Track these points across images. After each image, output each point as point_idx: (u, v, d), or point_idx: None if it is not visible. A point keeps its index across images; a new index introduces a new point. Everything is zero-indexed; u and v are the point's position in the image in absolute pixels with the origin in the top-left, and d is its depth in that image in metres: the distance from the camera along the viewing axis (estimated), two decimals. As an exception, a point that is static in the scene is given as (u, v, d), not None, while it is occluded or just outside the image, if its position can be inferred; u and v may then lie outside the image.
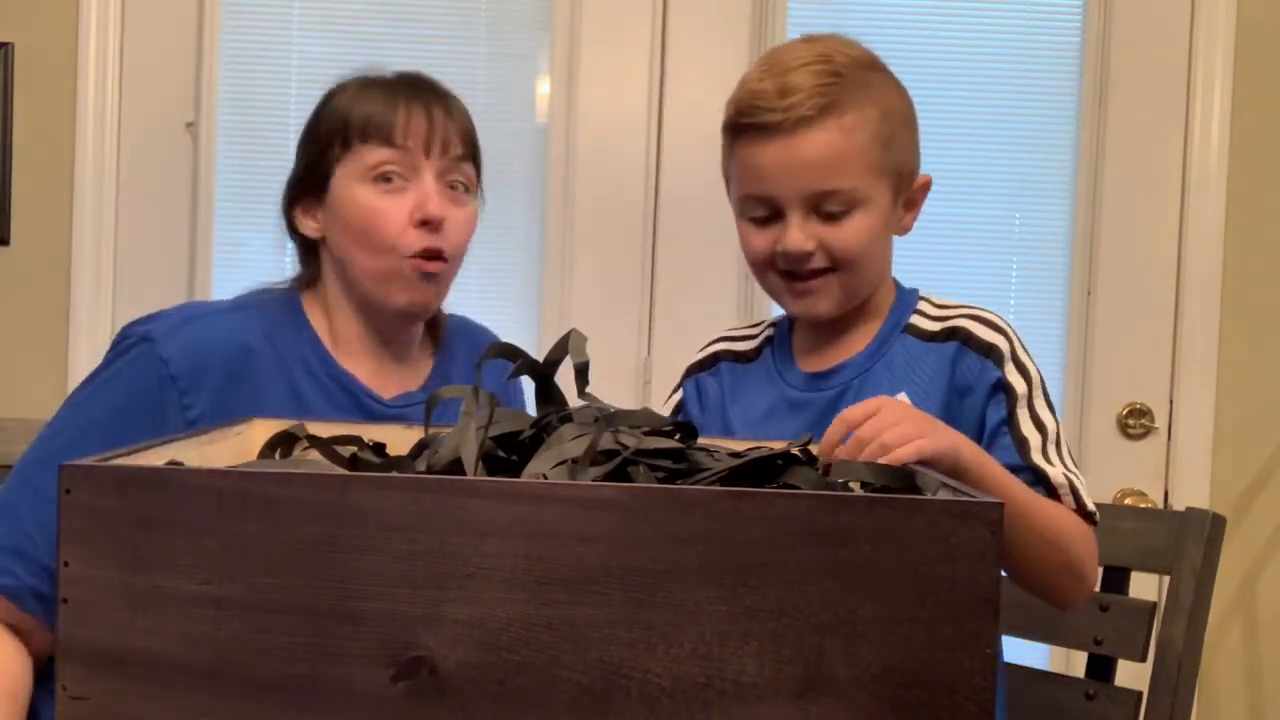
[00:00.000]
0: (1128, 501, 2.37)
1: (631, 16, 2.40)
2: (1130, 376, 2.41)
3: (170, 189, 2.38)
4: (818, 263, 1.32)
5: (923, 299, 1.40)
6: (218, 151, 2.39)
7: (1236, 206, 2.39)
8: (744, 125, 1.32)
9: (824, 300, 1.34)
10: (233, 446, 1.11)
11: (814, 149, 1.29)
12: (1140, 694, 1.47)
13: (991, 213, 2.42)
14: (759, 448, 1.05)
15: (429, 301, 1.38)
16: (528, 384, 1.22)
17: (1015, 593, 1.57)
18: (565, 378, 1.08)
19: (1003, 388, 1.30)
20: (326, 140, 1.36)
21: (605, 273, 2.41)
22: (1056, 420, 1.31)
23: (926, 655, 0.79)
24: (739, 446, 1.08)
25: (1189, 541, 1.48)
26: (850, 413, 1.11)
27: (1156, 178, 2.40)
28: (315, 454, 1.14)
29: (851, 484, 1.02)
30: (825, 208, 1.30)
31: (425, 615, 0.79)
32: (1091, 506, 1.27)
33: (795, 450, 1.04)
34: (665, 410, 1.46)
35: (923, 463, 1.06)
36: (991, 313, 1.36)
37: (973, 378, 1.31)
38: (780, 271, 1.34)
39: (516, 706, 0.79)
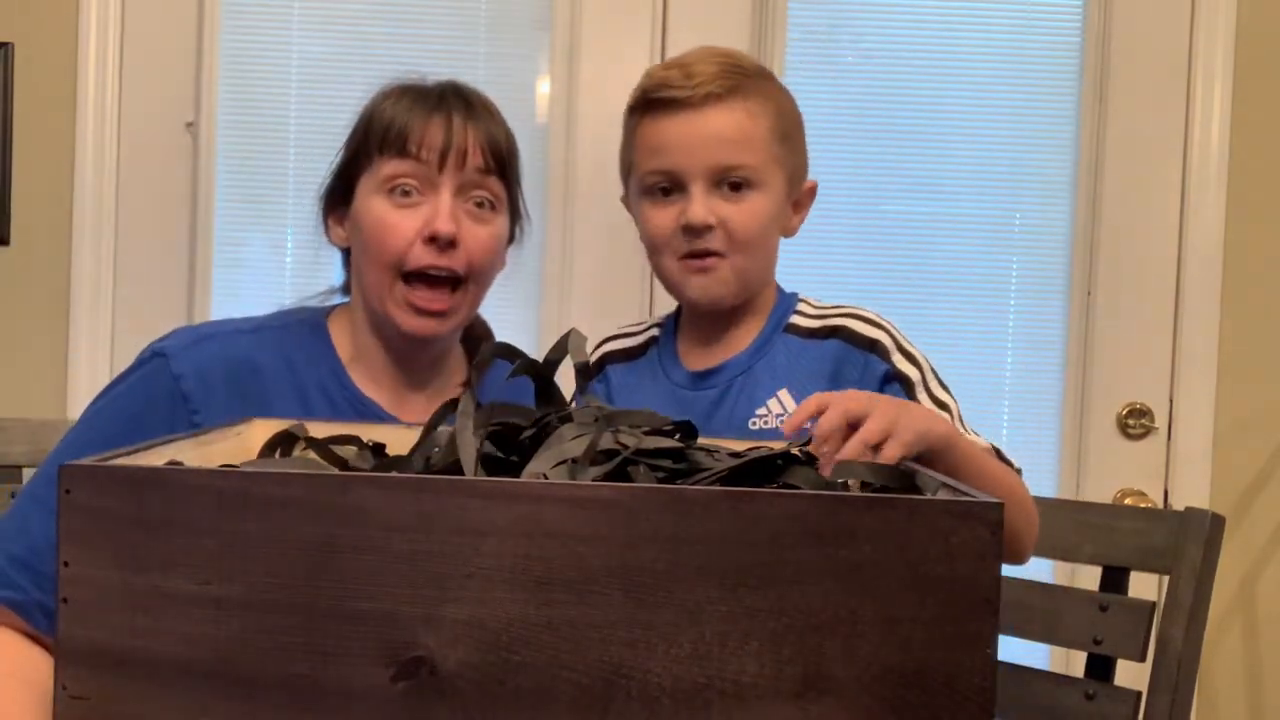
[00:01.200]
0: (1128, 501, 2.37)
1: (631, 16, 2.40)
2: (1130, 376, 2.41)
3: (170, 189, 2.38)
4: (716, 242, 1.35)
5: (802, 300, 1.44)
6: (218, 151, 2.39)
7: (1236, 206, 2.39)
8: (650, 102, 1.37)
9: (719, 283, 1.37)
10: (233, 446, 1.11)
11: (720, 123, 1.34)
12: (1140, 694, 1.47)
13: (991, 213, 2.41)
14: (759, 448, 1.05)
15: (434, 332, 1.33)
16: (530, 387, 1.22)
17: (1015, 593, 1.57)
18: (565, 378, 1.08)
19: (895, 377, 1.34)
20: (354, 149, 1.35)
21: (605, 273, 2.41)
22: (954, 398, 1.34)
23: (926, 655, 0.79)
24: (739, 446, 1.08)
25: (1189, 541, 1.48)
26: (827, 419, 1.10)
27: (1156, 178, 2.40)
28: (313, 455, 1.14)
29: (851, 484, 1.02)
30: (728, 181, 1.35)
31: (425, 615, 0.79)
32: (1017, 463, 1.31)
33: (795, 450, 1.04)
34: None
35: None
36: (870, 311, 1.40)
37: (856, 374, 1.34)
38: (679, 254, 1.37)
39: (516, 706, 0.79)
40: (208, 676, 0.80)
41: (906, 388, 1.32)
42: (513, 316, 2.40)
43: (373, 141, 1.32)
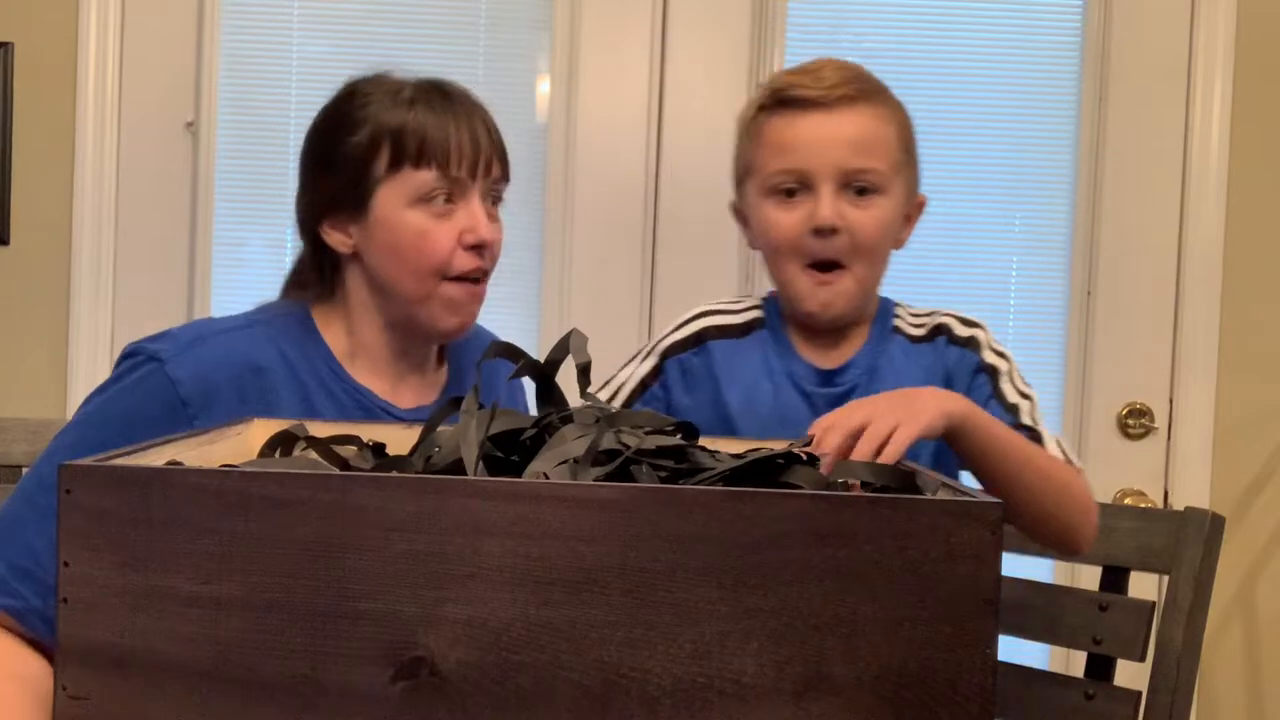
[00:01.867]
0: (1127, 501, 2.37)
1: (631, 16, 2.40)
2: (1130, 376, 2.41)
3: (170, 189, 2.38)
4: (840, 248, 1.35)
5: (897, 304, 1.46)
6: (218, 151, 2.39)
7: (1236, 206, 2.39)
8: (780, 101, 1.37)
9: (842, 297, 1.37)
10: (233, 446, 1.11)
11: (853, 125, 1.35)
12: (1140, 694, 1.47)
13: (991, 213, 2.42)
14: (759, 448, 1.05)
15: (467, 326, 1.38)
16: (529, 386, 1.22)
17: (1015, 593, 1.57)
18: (566, 378, 1.08)
19: (983, 369, 1.38)
20: (367, 156, 1.33)
21: (605, 272, 2.41)
22: (1034, 394, 1.38)
23: (926, 655, 0.79)
24: (739, 447, 1.08)
25: (1188, 541, 1.48)
26: (838, 421, 1.14)
27: (1156, 178, 2.40)
28: (314, 454, 1.14)
29: (851, 484, 1.02)
30: (855, 185, 1.35)
31: (425, 615, 0.79)
32: (1079, 463, 1.35)
33: (795, 450, 1.04)
34: (629, 379, 1.46)
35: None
36: (963, 312, 1.45)
37: (954, 366, 1.39)
38: (804, 263, 1.37)
39: (516, 706, 0.79)
40: (208, 676, 0.80)
41: (993, 378, 1.37)
42: (513, 316, 2.40)
43: (405, 154, 1.32)
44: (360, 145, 1.33)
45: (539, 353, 1.10)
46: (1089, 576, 1.68)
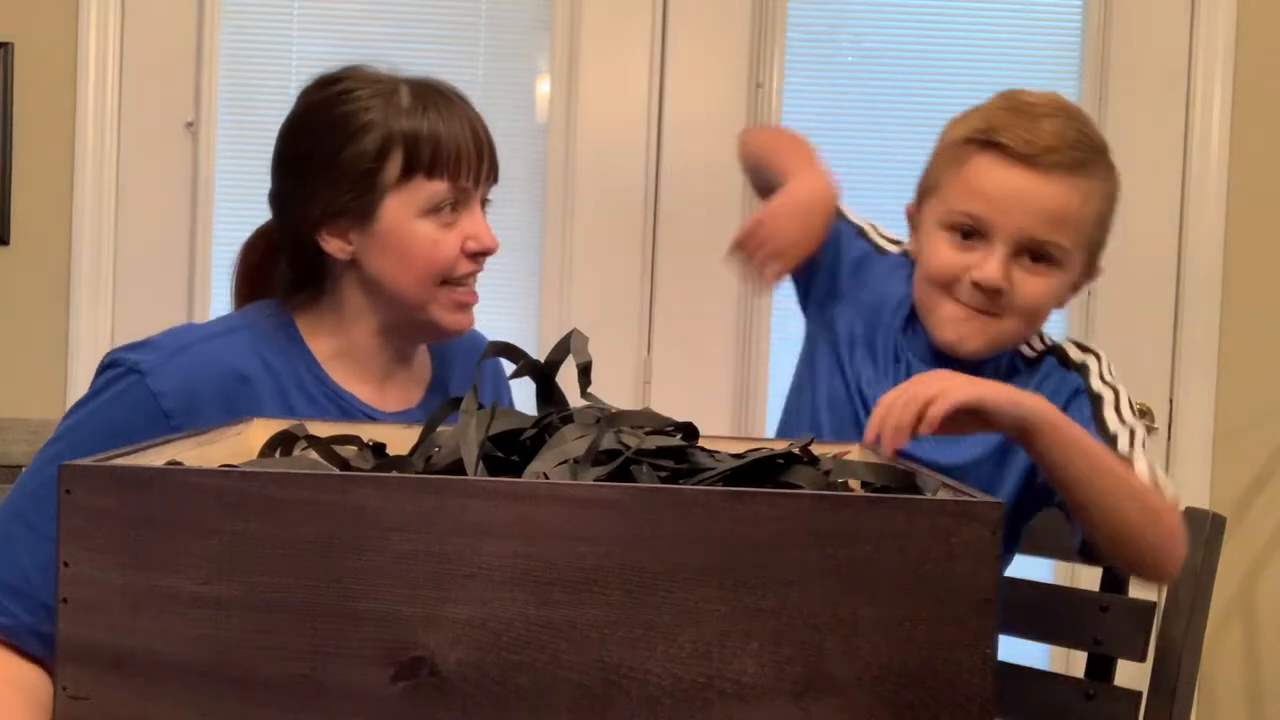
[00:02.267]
0: (1128, 501, 2.37)
1: (631, 16, 2.40)
2: (1130, 376, 2.38)
3: (170, 189, 2.38)
4: (999, 305, 1.32)
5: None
6: (218, 151, 2.39)
7: (1236, 206, 2.39)
8: (994, 143, 1.31)
9: (980, 339, 1.34)
10: (233, 446, 1.11)
11: (1056, 197, 1.31)
12: (1140, 694, 1.47)
13: (991, 213, 2.41)
14: (760, 448, 1.05)
15: (469, 324, 1.38)
16: (520, 385, 1.22)
17: (1015, 593, 1.57)
18: (566, 378, 1.08)
19: (1085, 392, 1.35)
20: (375, 164, 1.30)
21: (605, 273, 2.41)
22: (1141, 427, 1.34)
23: (926, 655, 0.79)
24: (739, 447, 1.08)
25: (1189, 541, 1.48)
26: (888, 395, 1.14)
27: (1156, 178, 2.40)
28: (314, 454, 1.14)
29: (851, 484, 1.02)
30: (1033, 255, 1.32)
31: (425, 615, 0.79)
32: (1173, 498, 1.29)
33: (796, 450, 1.04)
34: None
35: (968, 412, 1.11)
36: (1085, 341, 1.43)
37: (1056, 385, 1.36)
38: (953, 296, 1.34)
39: (516, 706, 0.79)
40: (208, 676, 0.80)
41: (1096, 404, 1.34)
42: (513, 316, 2.40)
43: (417, 163, 1.30)
44: (366, 153, 1.30)
45: (539, 353, 1.10)
46: (1089, 576, 1.68)
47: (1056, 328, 2.41)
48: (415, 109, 1.31)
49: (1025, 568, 1.58)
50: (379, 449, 1.16)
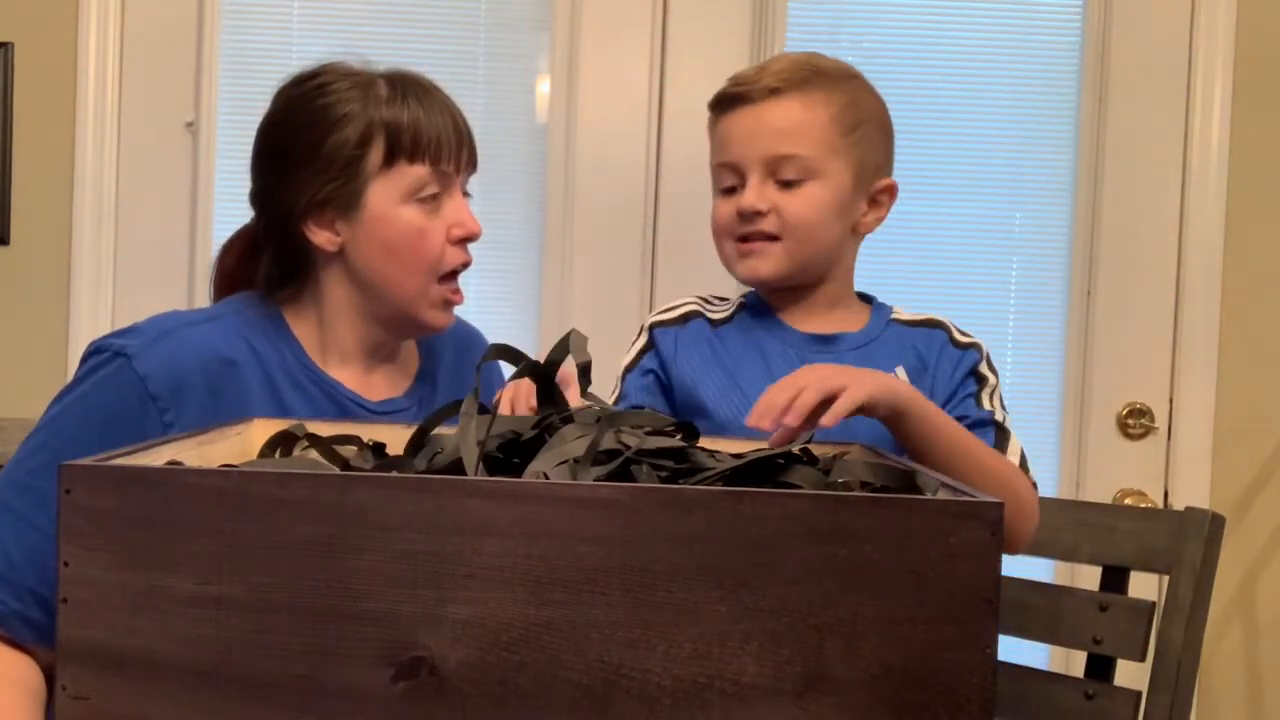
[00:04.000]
0: (1128, 501, 2.37)
1: (631, 16, 2.40)
2: (1130, 376, 2.41)
3: (170, 189, 2.38)
4: (768, 225, 1.40)
5: (893, 308, 1.50)
6: (218, 151, 2.39)
7: (1236, 206, 2.39)
8: (720, 99, 1.45)
9: (766, 262, 1.42)
10: (232, 446, 1.11)
11: (774, 115, 1.40)
12: (1140, 694, 1.47)
13: (991, 213, 2.41)
14: (760, 448, 1.05)
15: (453, 320, 1.40)
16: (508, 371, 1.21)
17: (1015, 593, 1.57)
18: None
19: (976, 374, 1.41)
20: (357, 152, 1.31)
21: (605, 273, 2.40)
22: (1007, 419, 1.41)
23: (926, 655, 0.79)
24: (739, 447, 1.08)
25: (1189, 541, 1.48)
26: (776, 390, 1.16)
27: (1156, 178, 2.40)
28: (314, 454, 1.14)
29: (851, 484, 1.02)
30: (781, 174, 1.39)
31: (425, 615, 0.79)
32: (1034, 478, 1.35)
33: (795, 450, 1.04)
34: (626, 361, 1.48)
35: (861, 410, 1.15)
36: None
37: (957, 359, 1.42)
38: (734, 238, 1.43)
39: (516, 706, 0.79)
40: (208, 676, 0.80)
41: (981, 387, 1.40)
42: (513, 316, 2.40)
43: (399, 149, 1.32)
44: (348, 141, 1.32)
45: (538, 352, 1.10)
46: (1089, 576, 1.68)
47: (1056, 327, 2.41)
48: (394, 98, 1.33)
49: (1026, 568, 1.58)
50: (379, 449, 1.16)
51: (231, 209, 2.40)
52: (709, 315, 1.49)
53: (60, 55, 2.37)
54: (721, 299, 1.53)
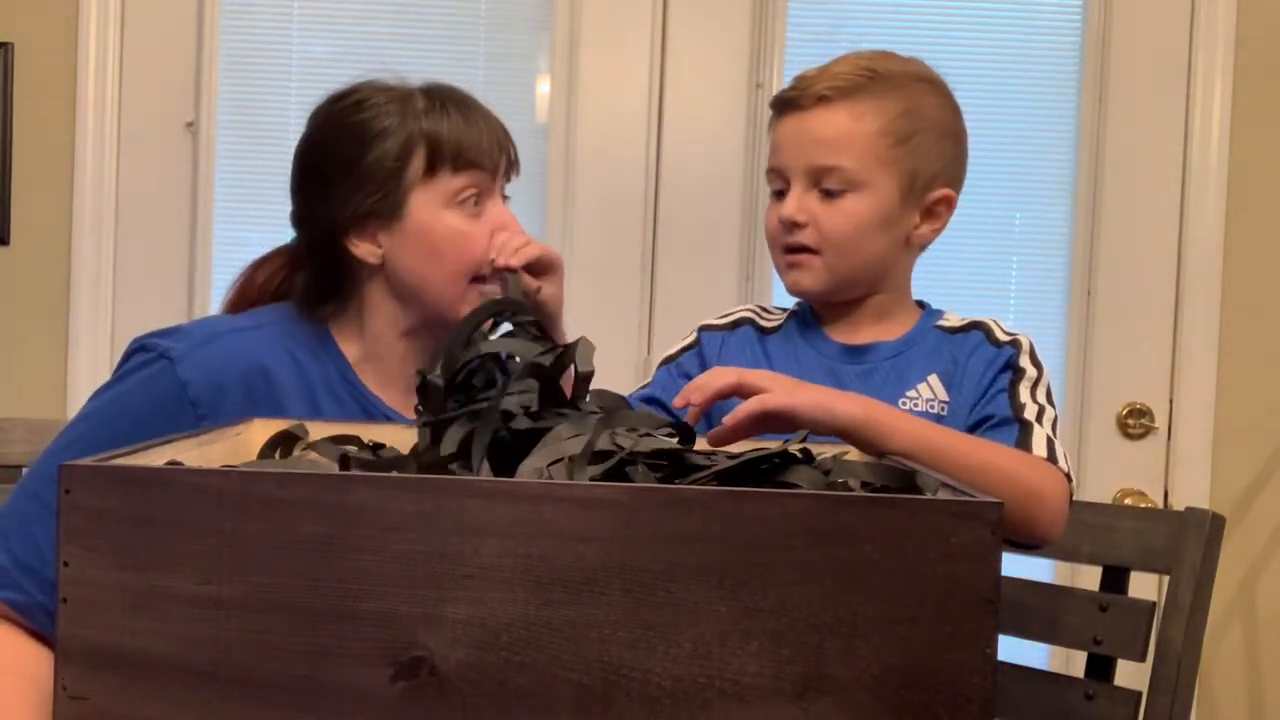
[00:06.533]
0: (1128, 501, 2.37)
1: (631, 16, 2.40)
2: (1130, 376, 2.41)
3: (170, 189, 2.38)
4: (808, 238, 1.38)
5: (945, 312, 1.47)
6: (217, 151, 2.39)
7: (1236, 206, 2.39)
8: (776, 101, 1.42)
9: (808, 275, 1.40)
10: (233, 446, 1.11)
11: (820, 125, 1.37)
12: (1140, 694, 1.47)
13: (991, 213, 2.42)
14: (758, 449, 1.05)
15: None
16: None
17: (1015, 593, 1.57)
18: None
19: (1012, 366, 1.37)
20: (398, 164, 1.33)
21: (605, 273, 2.41)
22: (1055, 411, 1.36)
23: (926, 655, 0.79)
24: (738, 448, 1.08)
25: (1189, 541, 1.48)
26: (704, 374, 1.16)
27: (1156, 178, 2.40)
28: (314, 454, 1.14)
29: (851, 484, 1.02)
30: (824, 184, 1.37)
31: (425, 615, 0.79)
32: (1067, 468, 1.30)
33: (795, 450, 1.04)
34: (670, 353, 1.48)
35: (775, 416, 1.12)
36: (1008, 325, 1.44)
37: (990, 358, 1.38)
38: (781, 248, 1.41)
39: (516, 706, 0.79)
40: (208, 676, 0.80)
41: (1017, 375, 1.36)
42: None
43: (442, 158, 1.33)
44: (389, 154, 1.33)
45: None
46: (1089, 576, 1.68)
47: (1056, 327, 2.41)
48: (432, 109, 1.35)
49: (1025, 568, 1.58)
50: (378, 449, 1.16)
51: (231, 209, 2.40)
52: (760, 324, 1.48)
53: (60, 55, 2.37)
54: (778, 309, 1.52)
